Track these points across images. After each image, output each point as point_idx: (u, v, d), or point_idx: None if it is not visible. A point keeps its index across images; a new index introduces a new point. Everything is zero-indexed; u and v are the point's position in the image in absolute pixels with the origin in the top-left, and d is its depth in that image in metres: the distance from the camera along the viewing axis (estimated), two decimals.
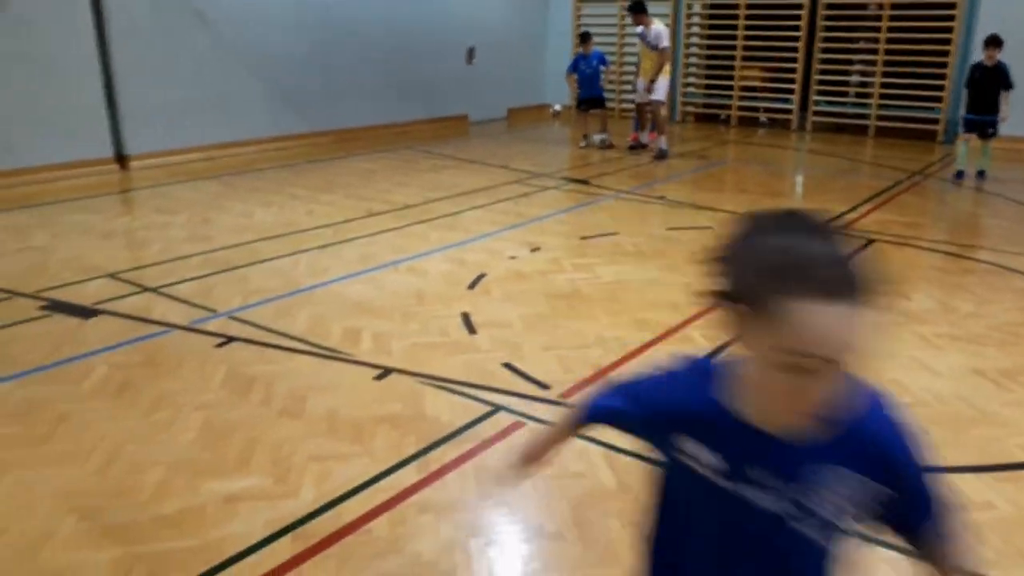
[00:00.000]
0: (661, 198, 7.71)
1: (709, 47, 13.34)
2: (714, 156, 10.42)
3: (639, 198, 7.76)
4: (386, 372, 3.83)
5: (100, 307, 4.64)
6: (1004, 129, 8.73)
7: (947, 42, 11.04)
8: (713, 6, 13.25)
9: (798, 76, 12.27)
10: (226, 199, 7.52)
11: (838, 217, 6.86)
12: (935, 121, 11.36)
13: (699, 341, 4.18)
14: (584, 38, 10.73)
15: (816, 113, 12.39)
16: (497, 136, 12.09)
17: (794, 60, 12.23)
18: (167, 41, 9.06)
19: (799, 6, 11.90)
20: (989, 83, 8.07)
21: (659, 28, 9.69)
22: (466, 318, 4.52)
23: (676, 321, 4.48)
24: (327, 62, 10.84)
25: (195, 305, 4.69)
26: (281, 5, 10.17)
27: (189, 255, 5.68)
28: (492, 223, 6.70)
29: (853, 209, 7.22)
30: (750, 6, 12.37)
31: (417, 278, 5.26)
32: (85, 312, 4.55)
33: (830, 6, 11.76)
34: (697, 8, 13.28)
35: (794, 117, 12.53)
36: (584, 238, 6.26)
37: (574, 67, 10.77)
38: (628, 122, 11.59)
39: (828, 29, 11.96)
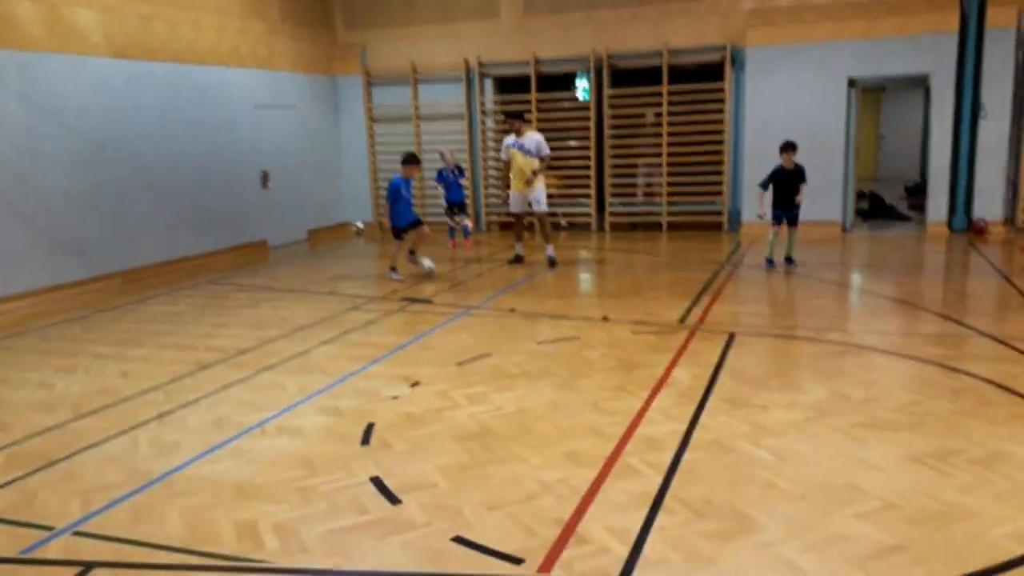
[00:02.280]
0: (512, 310, 7.48)
1: None
2: (534, 261, 10.46)
3: (491, 312, 7.46)
4: None
5: None
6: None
7: (720, 142, 12.17)
8: (506, 119, 13.69)
9: (592, 181, 12.91)
10: (12, 368, 6.17)
11: (687, 313, 7.02)
12: (719, 213, 12.38)
13: (646, 472, 3.86)
14: (440, 156, 11.88)
15: (612, 214, 13.04)
16: (304, 259, 11.37)
17: (587, 167, 12.87)
18: None
19: (587, 118, 12.62)
20: (791, 182, 8.91)
21: (538, 136, 9.64)
22: (379, 483, 3.85)
23: (608, 449, 4.13)
24: (109, 199, 9.65)
25: (18, 524, 3.58)
26: (53, 143, 8.94)
27: None
28: (351, 359, 6.04)
29: (696, 304, 7.43)
30: (541, 119, 12.92)
31: (294, 440, 4.49)
32: None
33: (614, 116, 12.58)
34: (491, 124, 13.66)
35: (592, 219, 13.11)
36: (460, 364, 5.80)
37: (440, 177, 11.74)
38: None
39: (614, 138, 12.76)
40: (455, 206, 11.76)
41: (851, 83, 11.35)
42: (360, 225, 14.06)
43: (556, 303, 7.78)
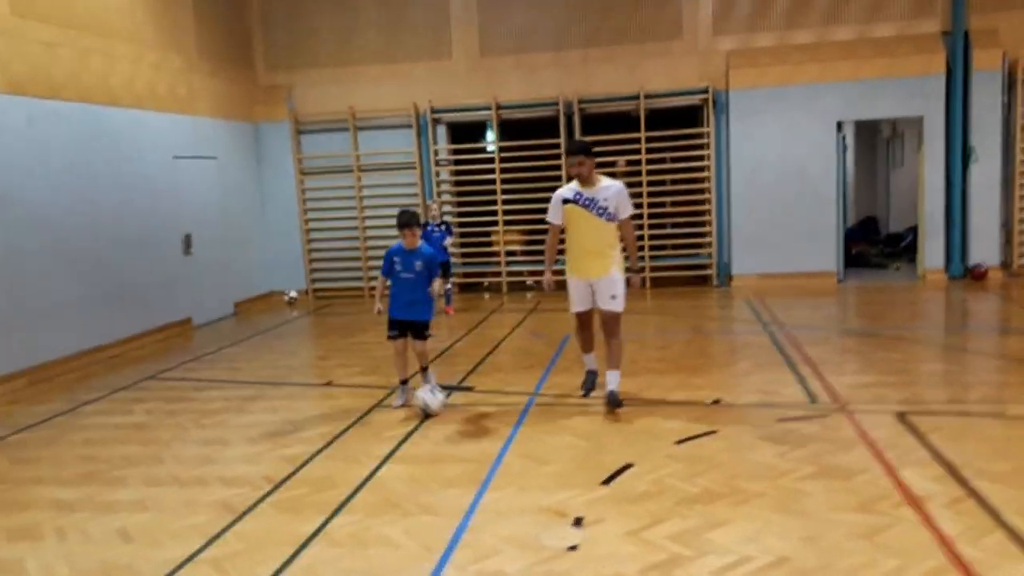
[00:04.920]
0: (584, 396, 6.05)
1: (463, 213, 12.24)
2: (548, 329, 9.02)
3: (564, 401, 5.98)
4: None
5: None
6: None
7: (704, 190, 11.37)
8: (463, 171, 12.31)
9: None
10: None
11: (805, 388, 5.87)
12: (705, 267, 11.51)
13: None
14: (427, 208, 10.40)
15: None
16: (247, 340, 9.32)
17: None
18: None
19: (557, 167, 11.45)
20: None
21: (617, 185, 5.68)
22: None
23: None
24: (4, 271, 7.39)
25: None
26: None
27: None
28: (444, 483, 4.41)
29: (797, 375, 6.31)
30: (504, 170, 11.65)
31: None
32: None
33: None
34: (445, 175, 12.23)
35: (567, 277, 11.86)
36: (608, 484, 4.30)
37: (426, 235, 9.64)
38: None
39: None
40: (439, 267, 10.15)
41: (839, 126, 10.91)
42: (293, 294, 12.10)
43: (630, 382, 6.37)
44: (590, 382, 6.15)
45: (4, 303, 7.34)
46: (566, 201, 5.68)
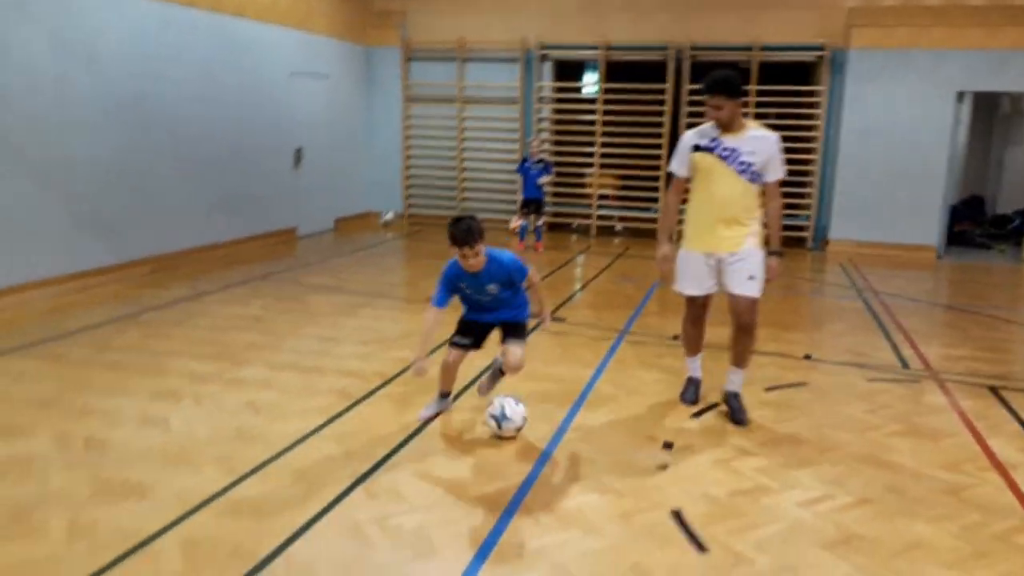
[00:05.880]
0: (675, 338, 6.23)
1: (559, 152, 12.35)
2: (637, 274, 9.19)
3: (650, 340, 6.18)
4: None
5: None
6: None
7: (811, 151, 11.17)
8: (565, 109, 12.38)
9: (661, 184, 11.72)
10: (85, 390, 4.56)
11: (897, 354, 5.92)
12: (802, 228, 11.38)
13: None
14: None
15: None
16: (348, 253, 9.78)
17: (656, 168, 11.67)
18: None
19: (660, 113, 11.42)
20: None
21: (771, 136, 4.36)
22: None
23: None
24: (139, 168, 7.95)
25: None
26: (83, 93, 7.23)
27: (137, 545, 2.97)
28: (543, 398, 4.69)
29: (891, 341, 6.34)
30: (607, 112, 11.67)
31: (598, 540, 3.15)
32: None
33: (691, 115, 11.40)
34: (547, 112, 12.32)
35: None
36: (696, 416, 4.52)
37: (522, 168, 10.33)
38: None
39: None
40: (531, 203, 10.39)
41: (959, 96, 10.51)
42: (389, 216, 12.53)
43: (724, 331, 6.51)
44: (692, 393, 4.76)
45: (134, 197, 7.90)
46: (697, 148, 4.37)
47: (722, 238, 4.37)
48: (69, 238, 7.14)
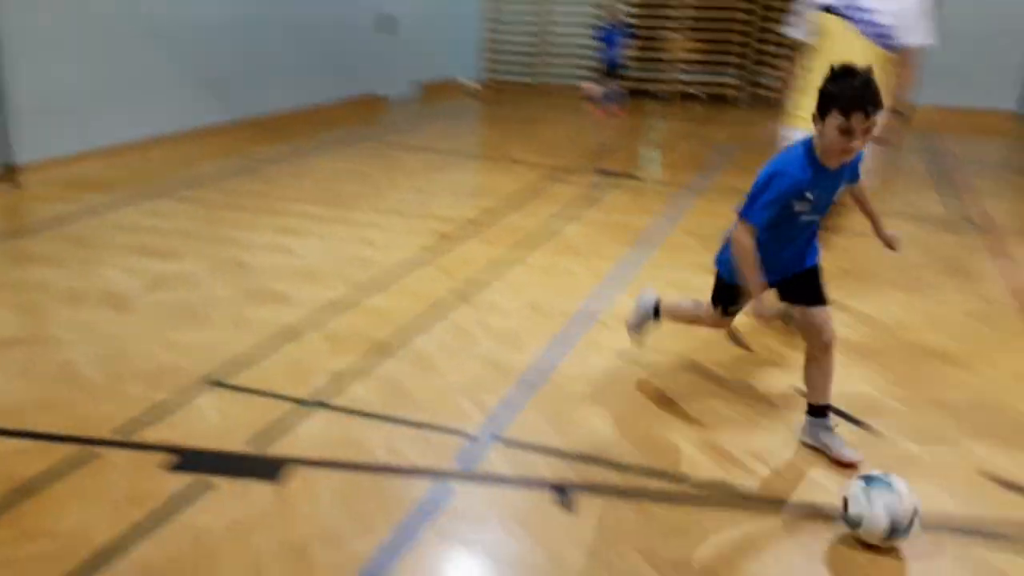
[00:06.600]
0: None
1: (640, 16, 12.33)
2: (716, 140, 9.47)
3: (718, 194, 6.62)
4: None
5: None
6: None
7: None
8: None
9: (750, 49, 11.62)
10: (222, 225, 5.36)
11: None
12: None
13: None
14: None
15: (763, 87, 11.81)
16: (438, 117, 10.32)
17: (732, 30, 11.57)
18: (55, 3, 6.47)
19: None
20: None
21: None
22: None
23: None
24: (245, 32, 8.53)
25: (429, 427, 2.91)
26: None
27: (289, 335, 3.75)
28: (614, 241, 5.26)
29: (953, 206, 6.61)
30: None
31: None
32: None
33: None
34: None
35: (744, 92, 11.93)
36: None
37: (608, 39, 9.79)
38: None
39: None
40: (612, 69, 10.60)
41: None
42: (471, 83, 12.91)
43: None
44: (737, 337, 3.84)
45: (237, 60, 8.51)
46: (823, 7, 3.65)
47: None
48: (189, 96, 7.88)
